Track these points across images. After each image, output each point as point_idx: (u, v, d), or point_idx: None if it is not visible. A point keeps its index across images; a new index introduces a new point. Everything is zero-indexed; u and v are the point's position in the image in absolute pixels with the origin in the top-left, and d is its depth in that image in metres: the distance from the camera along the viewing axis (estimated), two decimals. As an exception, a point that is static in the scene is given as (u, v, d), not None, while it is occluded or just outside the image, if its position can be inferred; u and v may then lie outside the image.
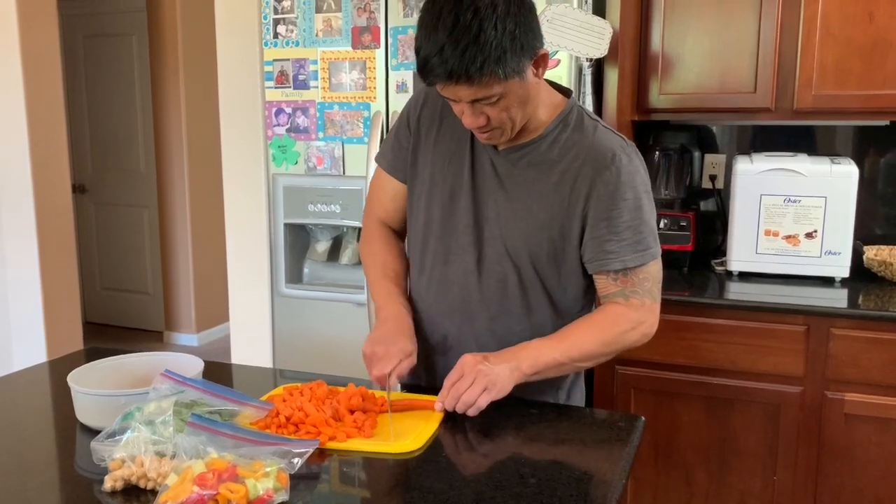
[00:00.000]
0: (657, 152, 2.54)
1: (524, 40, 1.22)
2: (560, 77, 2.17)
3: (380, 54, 2.39)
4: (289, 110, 2.52)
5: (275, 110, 2.54)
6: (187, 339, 5.14)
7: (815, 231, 2.31)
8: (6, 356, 3.71)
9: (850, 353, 2.07)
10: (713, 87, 2.38)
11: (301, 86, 2.50)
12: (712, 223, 2.72)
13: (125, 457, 1.07)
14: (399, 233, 1.62)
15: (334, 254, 2.63)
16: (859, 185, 2.29)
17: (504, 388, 1.29)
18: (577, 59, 2.21)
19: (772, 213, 2.34)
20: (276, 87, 2.53)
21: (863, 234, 2.51)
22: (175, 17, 4.81)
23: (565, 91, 1.45)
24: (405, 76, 2.37)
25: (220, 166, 2.77)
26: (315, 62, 2.47)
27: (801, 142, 2.60)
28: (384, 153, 1.56)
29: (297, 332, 2.63)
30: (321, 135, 2.50)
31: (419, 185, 1.49)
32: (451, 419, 1.30)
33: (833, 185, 2.29)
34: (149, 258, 5.20)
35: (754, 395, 2.16)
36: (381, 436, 1.24)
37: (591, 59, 2.21)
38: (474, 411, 1.27)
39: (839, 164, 2.31)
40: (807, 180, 2.31)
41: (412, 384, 1.52)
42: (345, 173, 2.49)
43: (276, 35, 2.50)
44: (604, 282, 1.39)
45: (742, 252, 2.39)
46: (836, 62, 2.25)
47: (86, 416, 1.28)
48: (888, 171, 2.55)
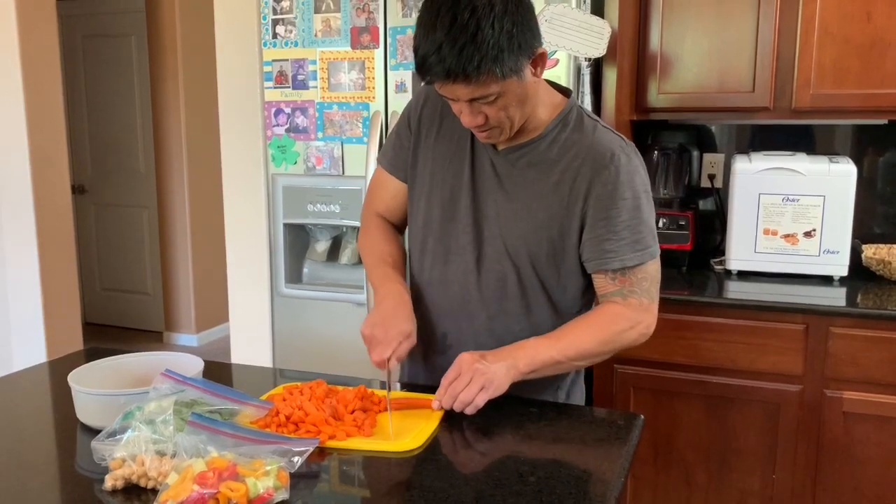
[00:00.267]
0: (656, 152, 2.54)
1: (522, 39, 1.22)
2: (559, 77, 2.17)
3: (379, 54, 2.39)
4: (288, 110, 2.53)
5: (274, 110, 2.55)
6: (187, 339, 5.14)
7: (814, 230, 2.32)
8: (6, 357, 3.71)
9: (849, 352, 2.08)
10: (712, 87, 2.39)
11: (300, 86, 2.50)
12: (711, 222, 2.72)
13: (126, 456, 1.07)
14: (398, 229, 1.62)
15: (334, 254, 2.63)
16: (858, 184, 2.29)
17: (501, 387, 1.30)
18: (576, 58, 2.21)
19: (770, 213, 2.35)
20: (275, 88, 2.53)
21: (861, 232, 2.52)
22: (174, 18, 4.81)
23: (565, 91, 1.45)
24: (404, 76, 2.37)
25: (220, 167, 2.77)
26: (314, 62, 2.47)
27: (800, 141, 2.61)
28: (385, 152, 1.57)
29: (297, 332, 2.63)
30: (320, 135, 2.50)
31: (419, 185, 1.49)
32: (451, 418, 1.30)
33: (831, 184, 2.29)
34: (148, 258, 5.20)
35: (753, 394, 2.17)
36: (381, 435, 1.24)
37: (590, 59, 2.22)
38: (472, 410, 1.28)
39: (837, 163, 2.31)
40: (805, 179, 2.31)
41: (411, 383, 1.52)
42: (344, 173, 2.49)
43: (274, 35, 2.51)
44: (602, 281, 1.40)
45: (741, 251, 2.40)
46: (835, 61, 2.25)
47: (86, 415, 1.28)
48: (886, 169, 2.55)
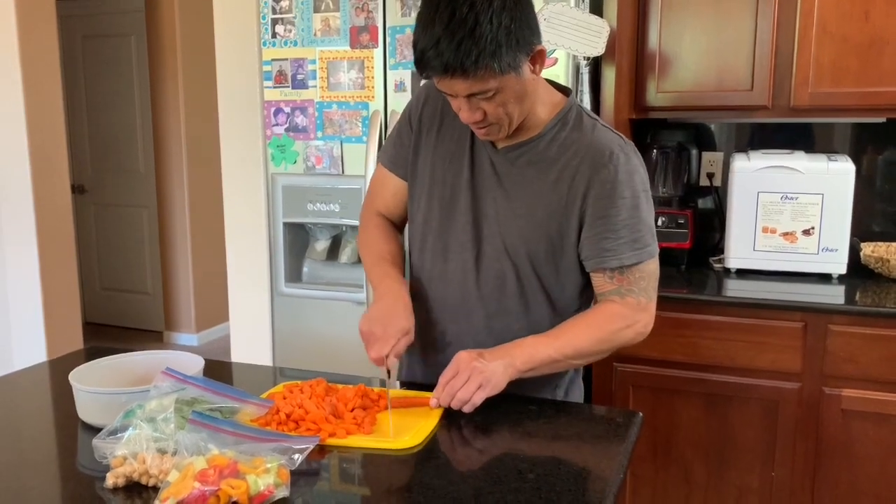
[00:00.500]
0: (655, 150, 2.54)
1: (520, 35, 1.22)
2: (557, 76, 2.18)
3: (378, 54, 2.40)
4: (287, 110, 2.53)
5: (273, 110, 2.55)
6: (187, 338, 5.14)
7: (813, 228, 2.32)
8: (6, 357, 3.71)
9: (848, 350, 2.08)
10: (710, 86, 2.39)
11: (299, 85, 2.50)
12: (710, 221, 2.72)
13: (127, 454, 1.08)
14: (398, 227, 1.62)
15: (333, 253, 2.63)
16: (856, 182, 2.30)
17: (498, 385, 1.30)
18: (575, 57, 2.22)
19: (769, 211, 2.35)
20: (274, 87, 2.54)
21: (860, 230, 2.52)
22: (174, 18, 4.82)
23: (565, 90, 1.45)
24: (403, 75, 2.37)
25: (219, 166, 2.78)
26: (313, 62, 2.47)
27: (799, 139, 2.61)
28: (385, 150, 1.57)
29: (297, 331, 2.64)
30: (320, 134, 2.50)
31: (419, 183, 1.50)
32: (450, 416, 1.30)
33: (830, 182, 2.30)
34: (148, 258, 5.20)
35: (752, 392, 2.17)
36: (381, 432, 1.24)
37: (589, 58, 2.22)
38: (469, 408, 1.28)
39: (836, 161, 2.32)
40: (804, 177, 2.31)
41: (410, 381, 1.52)
42: (343, 172, 2.49)
43: (274, 35, 2.51)
44: (600, 279, 1.40)
45: (740, 249, 2.40)
46: (833, 60, 2.26)
47: (87, 414, 1.29)
48: (885, 167, 2.56)
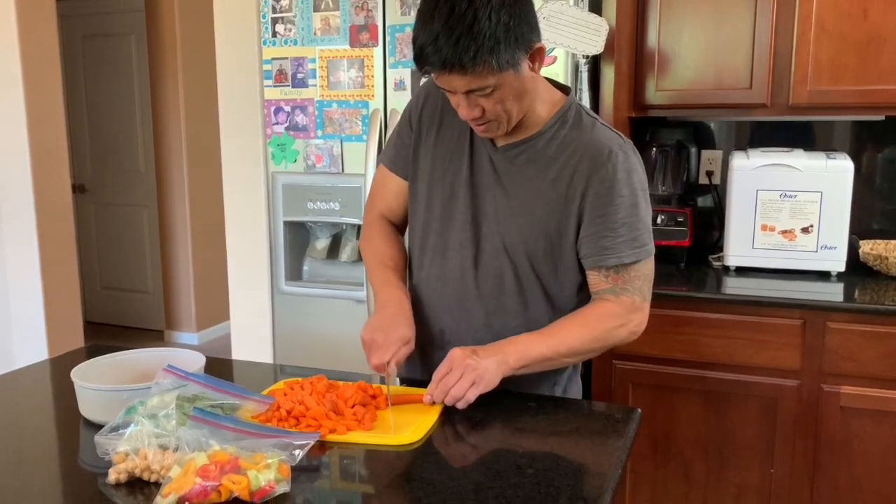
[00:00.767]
0: (654, 148, 2.55)
1: (519, 32, 1.23)
2: (556, 74, 2.18)
3: (378, 52, 2.40)
4: (287, 108, 2.54)
5: (273, 109, 2.56)
6: (188, 337, 5.15)
7: (812, 226, 2.33)
8: (8, 356, 3.72)
9: (847, 347, 2.09)
10: (709, 84, 2.40)
11: (299, 84, 2.51)
12: (709, 219, 2.73)
13: (129, 450, 1.08)
14: (400, 228, 1.63)
15: (334, 251, 2.64)
16: (855, 180, 2.30)
17: (491, 382, 1.31)
18: (574, 56, 2.22)
19: (768, 209, 2.35)
20: (274, 86, 2.54)
21: (859, 228, 2.53)
22: (174, 17, 4.82)
23: (564, 88, 1.45)
24: (403, 74, 2.38)
25: (220, 165, 2.78)
26: (313, 60, 2.48)
27: (797, 137, 2.61)
28: (386, 151, 1.58)
29: (298, 329, 2.64)
30: (320, 133, 2.51)
31: (420, 183, 1.51)
32: (450, 412, 1.31)
33: (829, 179, 2.30)
34: (149, 257, 5.21)
35: (751, 389, 2.18)
36: (381, 428, 1.25)
37: (588, 56, 2.22)
38: (463, 404, 1.29)
39: (835, 158, 2.32)
40: (803, 175, 2.32)
41: (409, 378, 1.53)
42: (344, 171, 2.50)
43: (274, 34, 2.52)
44: (596, 278, 1.41)
45: (739, 247, 2.40)
46: (831, 58, 2.26)
47: (89, 411, 1.29)
48: (884, 165, 2.57)
